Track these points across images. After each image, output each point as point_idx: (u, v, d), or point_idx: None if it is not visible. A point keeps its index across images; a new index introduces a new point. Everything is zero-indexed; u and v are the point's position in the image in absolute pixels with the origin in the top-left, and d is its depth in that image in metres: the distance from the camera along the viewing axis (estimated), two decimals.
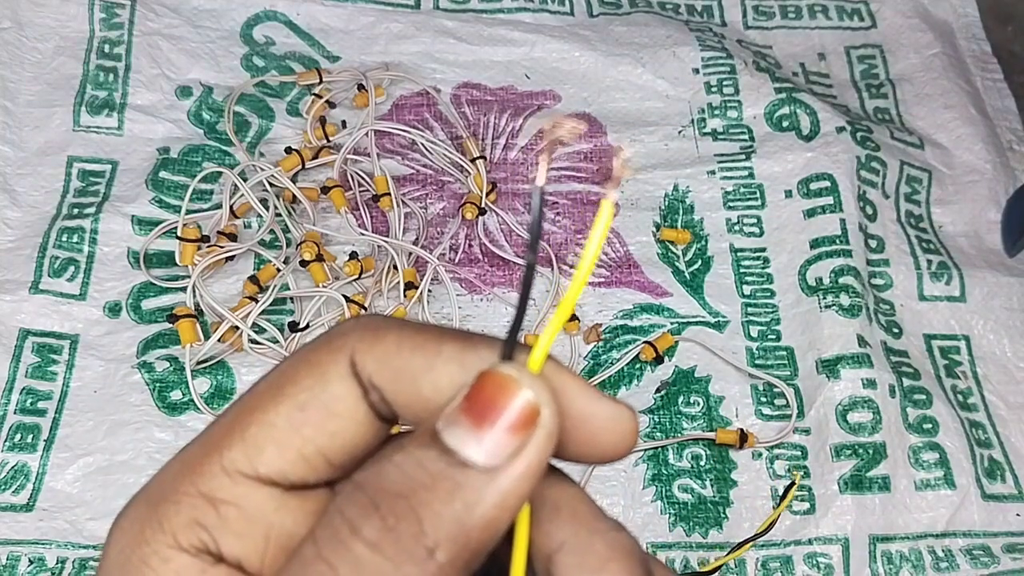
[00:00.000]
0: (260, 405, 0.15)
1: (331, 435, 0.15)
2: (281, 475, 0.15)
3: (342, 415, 0.15)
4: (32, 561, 0.39)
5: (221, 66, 0.52)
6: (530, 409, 0.13)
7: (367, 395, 0.15)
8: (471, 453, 0.13)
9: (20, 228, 0.47)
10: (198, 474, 0.14)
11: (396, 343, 0.15)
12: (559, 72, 0.55)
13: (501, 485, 0.13)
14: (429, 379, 0.14)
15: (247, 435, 0.14)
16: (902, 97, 0.57)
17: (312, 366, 0.15)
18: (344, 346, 0.15)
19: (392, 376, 0.15)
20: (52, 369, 0.43)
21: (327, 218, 0.49)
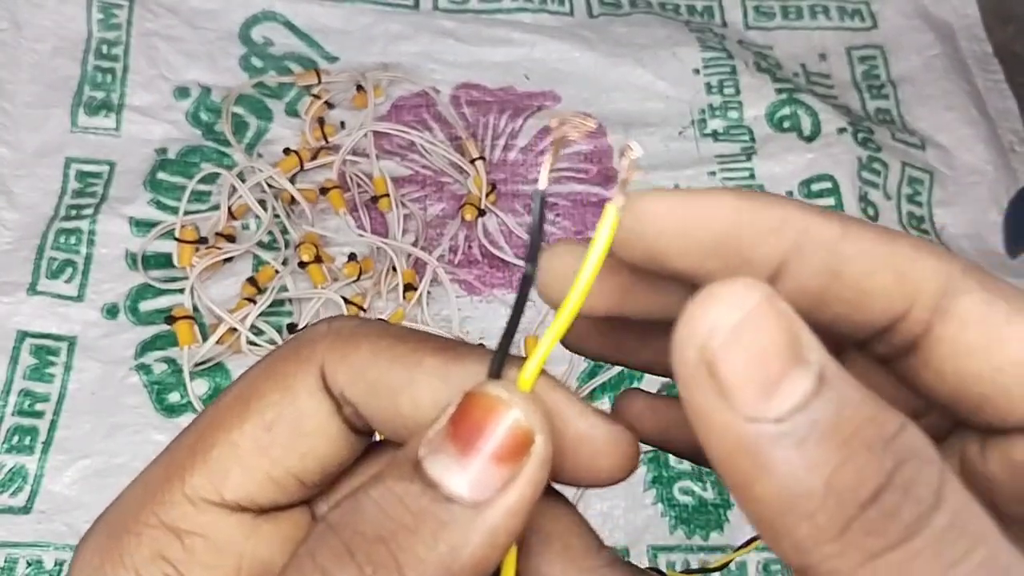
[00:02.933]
0: (223, 423, 0.13)
1: (302, 455, 0.13)
2: (250, 500, 0.13)
3: (313, 433, 0.13)
4: (30, 563, 0.39)
5: (219, 67, 0.52)
6: (521, 435, 0.12)
7: (340, 409, 0.14)
8: (456, 486, 0.12)
9: (18, 230, 0.47)
10: (160, 502, 0.13)
11: (371, 353, 0.13)
12: (559, 73, 0.55)
13: (489, 521, 0.12)
14: (408, 395, 0.13)
15: (210, 458, 0.13)
16: (903, 98, 0.57)
17: (278, 379, 0.14)
18: (313, 356, 0.13)
19: (367, 390, 0.13)
20: (50, 371, 0.43)
21: (326, 219, 0.49)
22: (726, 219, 0.13)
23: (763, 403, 0.11)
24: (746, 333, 0.11)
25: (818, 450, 0.11)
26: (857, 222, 0.13)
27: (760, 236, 0.13)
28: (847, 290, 0.13)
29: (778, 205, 0.13)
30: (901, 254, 0.13)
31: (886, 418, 0.11)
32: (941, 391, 0.13)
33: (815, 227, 0.13)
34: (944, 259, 0.13)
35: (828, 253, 0.13)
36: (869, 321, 0.13)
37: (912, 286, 0.13)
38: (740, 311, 0.11)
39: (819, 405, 0.11)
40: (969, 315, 0.13)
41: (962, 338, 0.13)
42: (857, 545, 0.11)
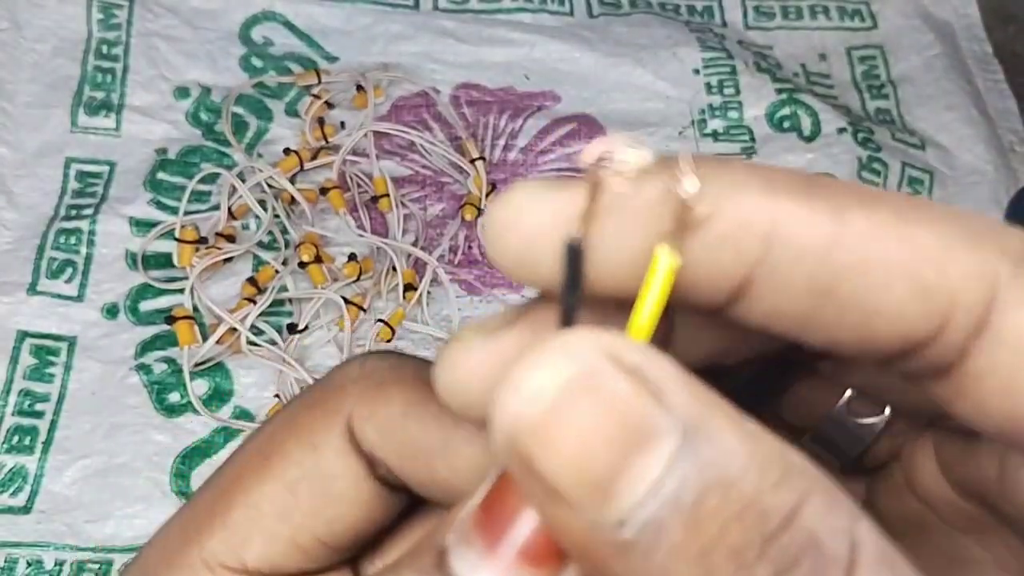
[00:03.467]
0: (243, 484, 0.12)
1: (329, 521, 0.12)
2: (273, 567, 0.12)
3: (341, 497, 0.12)
4: (30, 563, 0.39)
5: (219, 67, 0.52)
6: None
7: (372, 467, 0.12)
8: None
9: (18, 230, 0.47)
10: (176, 567, 0.12)
11: (402, 409, 0.12)
12: (559, 73, 0.55)
13: None
14: (445, 459, 0.11)
15: (229, 521, 0.12)
16: (903, 98, 0.57)
17: (303, 433, 0.12)
18: (340, 408, 0.12)
19: (399, 451, 0.12)
20: (50, 371, 0.43)
21: (326, 219, 0.49)
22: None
23: (599, 504, 0.08)
24: (560, 421, 0.08)
25: (670, 562, 0.08)
26: (859, 203, 0.09)
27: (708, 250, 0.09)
28: (845, 312, 0.09)
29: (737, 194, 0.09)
30: (922, 254, 0.09)
31: (771, 503, 0.08)
32: (985, 426, 0.10)
33: (791, 225, 0.09)
34: (987, 251, 0.09)
35: (814, 264, 0.09)
36: (879, 348, 0.10)
37: (941, 302, 0.09)
38: (552, 392, 0.08)
39: (677, 502, 0.08)
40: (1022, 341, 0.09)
41: (1016, 372, 0.09)
42: None
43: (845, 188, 0.09)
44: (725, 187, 0.09)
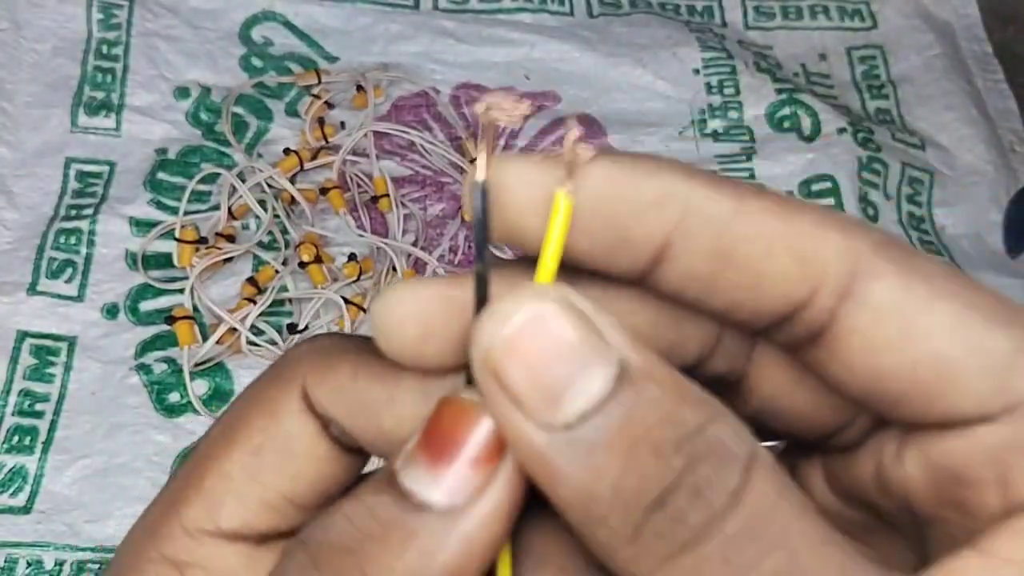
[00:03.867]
0: (213, 454, 0.13)
1: (293, 477, 0.13)
2: (247, 527, 0.13)
3: (301, 455, 0.13)
4: (30, 563, 0.39)
5: (219, 67, 0.52)
6: (497, 439, 0.11)
7: (326, 428, 0.13)
8: (429, 493, 0.11)
9: (18, 230, 0.47)
10: (159, 537, 0.13)
11: (350, 371, 0.13)
12: (559, 73, 0.55)
13: (464, 528, 0.11)
14: (390, 412, 0.13)
15: (203, 488, 0.13)
16: (903, 98, 0.57)
17: (262, 403, 0.13)
18: (294, 377, 0.13)
19: (349, 409, 0.13)
20: (50, 371, 0.43)
21: (326, 219, 0.49)
22: (596, 194, 0.11)
23: (551, 410, 0.11)
24: (525, 341, 0.11)
25: (605, 456, 0.11)
26: (754, 193, 0.12)
27: (638, 212, 0.11)
28: (741, 275, 0.12)
29: (660, 174, 0.12)
30: (802, 232, 0.11)
31: (686, 414, 0.11)
32: (851, 386, 0.12)
33: (703, 201, 0.11)
34: (853, 235, 0.12)
35: (718, 232, 0.11)
36: (767, 309, 0.12)
37: (815, 269, 0.11)
38: (521, 319, 0.11)
39: (610, 408, 0.11)
40: (882, 304, 0.11)
41: (875, 331, 0.11)
42: (649, 550, 0.11)
43: (745, 184, 0.12)
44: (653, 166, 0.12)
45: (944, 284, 0.12)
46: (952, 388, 0.11)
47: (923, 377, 0.11)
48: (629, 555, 0.11)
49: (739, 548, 0.10)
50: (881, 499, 0.13)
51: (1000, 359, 0.11)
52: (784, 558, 0.10)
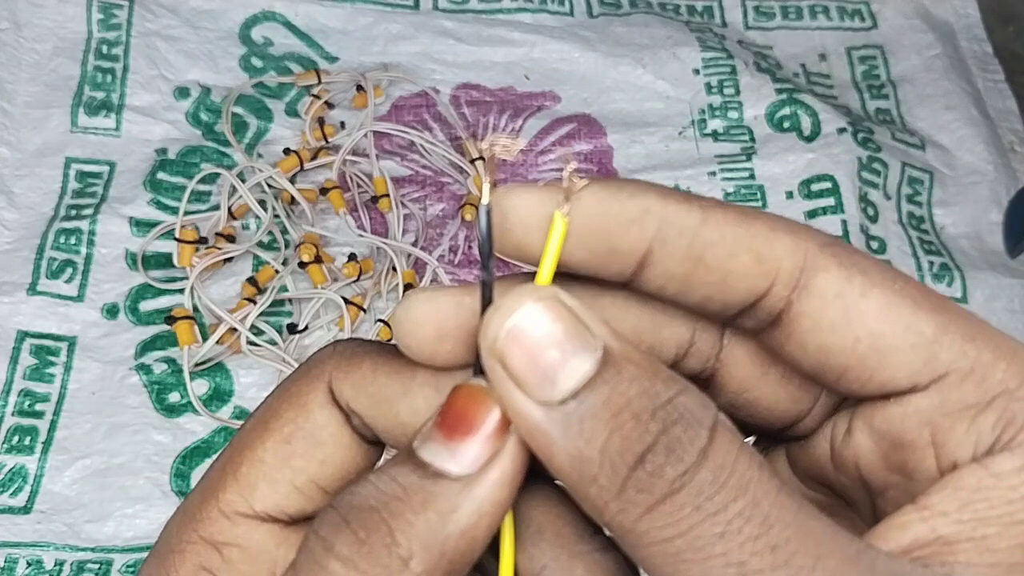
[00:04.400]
0: (248, 443, 0.15)
1: (320, 463, 0.15)
2: (278, 509, 0.15)
3: (327, 443, 0.15)
4: (30, 563, 0.39)
5: (219, 67, 0.52)
6: (502, 418, 0.13)
7: (349, 420, 0.15)
8: (445, 464, 0.13)
9: (18, 230, 0.47)
10: (198, 520, 0.15)
11: (371, 369, 0.15)
12: (559, 73, 0.55)
13: (476, 493, 0.13)
14: (406, 403, 0.15)
15: (239, 475, 0.15)
16: (903, 98, 0.57)
17: (293, 397, 0.15)
18: (322, 374, 0.15)
19: (369, 402, 0.15)
20: (50, 371, 0.43)
21: (326, 219, 0.49)
22: (588, 212, 0.14)
23: (547, 389, 0.13)
24: (523, 330, 0.13)
25: (593, 424, 0.13)
26: (718, 206, 0.14)
27: (623, 227, 0.14)
28: (710, 273, 0.14)
29: (640, 195, 0.14)
30: (758, 235, 0.14)
31: (659, 388, 0.13)
32: (805, 362, 0.14)
33: (675, 215, 0.14)
34: (801, 237, 0.14)
35: (690, 240, 0.14)
36: (734, 300, 0.14)
37: (771, 266, 0.14)
38: (520, 312, 0.13)
39: (597, 385, 0.13)
40: (827, 291, 0.14)
41: (821, 314, 0.14)
42: (633, 501, 0.12)
43: (709, 199, 0.14)
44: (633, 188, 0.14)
45: (879, 276, 0.14)
46: (887, 361, 0.14)
47: (862, 352, 0.14)
48: (616, 508, 0.13)
49: (708, 496, 0.12)
50: (837, 476, 0.16)
51: (926, 337, 0.14)
52: (747, 503, 0.12)
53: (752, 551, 0.12)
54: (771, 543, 0.12)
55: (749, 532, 0.12)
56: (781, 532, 0.12)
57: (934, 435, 0.14)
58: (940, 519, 0.13)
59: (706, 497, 0.12)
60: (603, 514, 0.13)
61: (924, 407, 0.14)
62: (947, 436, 0.14)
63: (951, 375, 0.14)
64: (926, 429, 0.14)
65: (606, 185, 0.14)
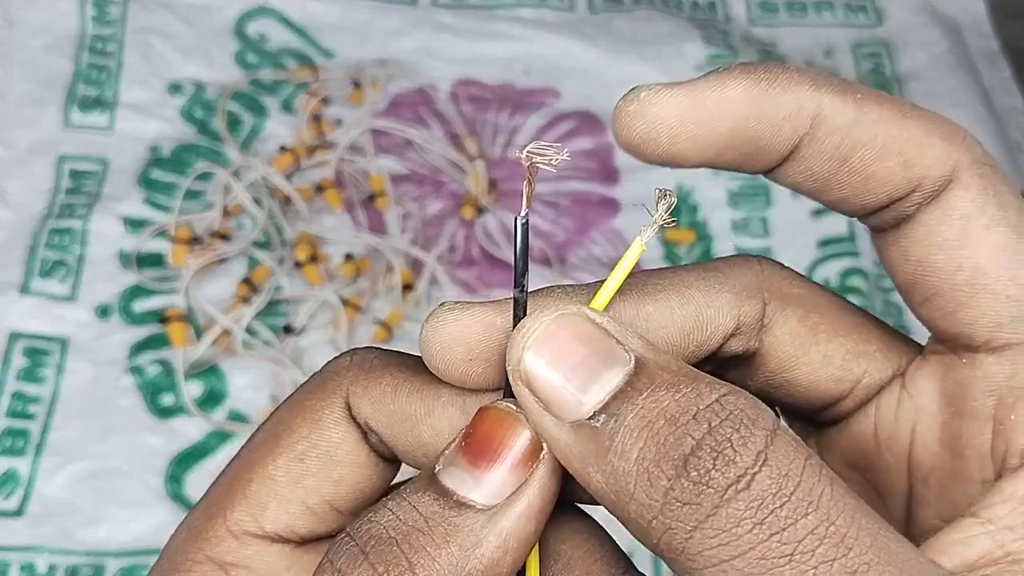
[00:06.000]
0: (258, 459, 0.14)
1: (335, 483, 0.14)
2: (289, 530, 0.14)
3: (343, 461, 0.14)
4: (23, 568, 0.38)
5: (214, 63, 0.52)
6: (531, 445, 0.13)
7: (366, 437, 0.14)
8: (469, 493, 0.12)
9: (10, 229, 0.46)
10: (205, 539, 0.14)
11: (392, 385, 0.14)
12: (559, 69, 0.54)
13: (501, 525, 0.12)
14: (428, 424, 0.14)
15: (249, 492, 0.14)
16: (909, 95, 0.56)
17: (307, 412, 0.14)
18: (338, 388, 0.14)
19: (389, 420, 0.14)
20: (42, 372, 0.43)
21: (322, 218, 0.48)
22: (739, 113, 0.13)
23: (575, 406, 0.12)
24: (547, 350, 0.12)
25: (625, 436, 0.11)
26: (875, 100, 0.13)
27: (774, 126, 0.13)
28: (854, 175, 0.13)
29: (792, 88, 0.13)
30: (911, 140, 0.13)
31: (702, 390, 0.11)
32: (900, 272, 0.14)
33: (829, 111, 0.13)
34: (955, 146, 0.13)
35: (840, 138, 0.13)
36: (871, 204, 0.13)
37: (917, 173, 0.13)
38: (541, 332, 0.12)
39: (629, 395, 0.12)
40: (955, 209, 0.13)
41: (938, 229, 0.13)
42: (679, 517, 0.11)
43: (866, 88, 0.13)
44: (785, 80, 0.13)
45: (1014, 215, 0.13)
46: (976, 301, 0.13)
47: (958, 283, 0.13)
48: (661, 526, 0.11)
49: (772, 509, 0.11)
50: (879, 458, 0.15)
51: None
52: (819, 520, 0.11)
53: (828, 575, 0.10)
54: (850, 568, 0.10)
55: (823, 554, 0.10)
56: (860, 556, 0.11)
57: (996, 409, 0.13)
58: (1007, 534, 0.12)
59: (769, 510, 0.11)
60: (648, 536, 0.11)
61: (994, 373, 0.13)
62: (1009, 413, 0.13)
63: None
64: (991, 399, 0.13)
65: (756, 79, 0.13)
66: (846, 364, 0.15)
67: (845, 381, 0.15)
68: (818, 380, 0.15)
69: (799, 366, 0.15)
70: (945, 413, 0.14)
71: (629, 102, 0.13)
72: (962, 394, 0.13)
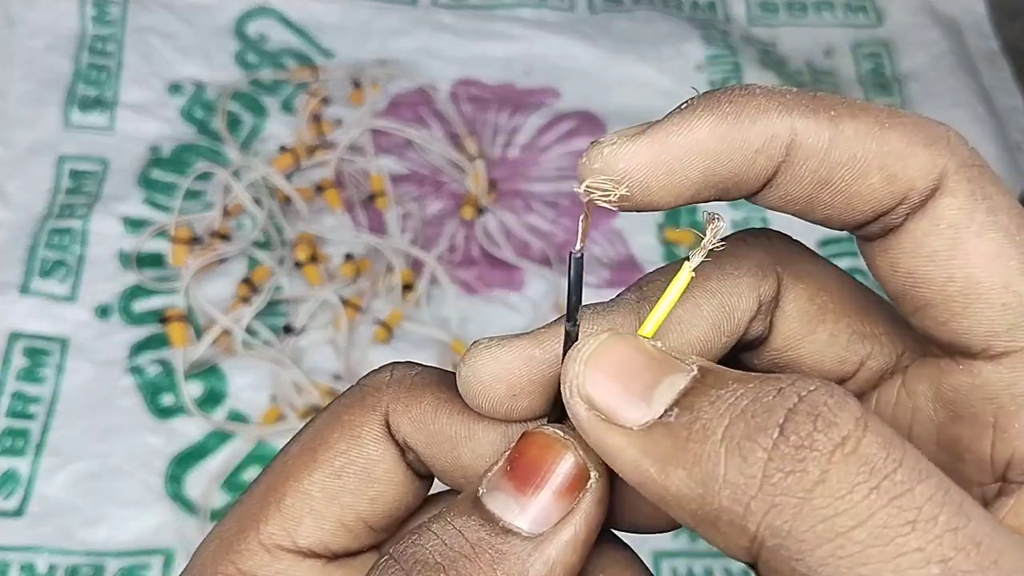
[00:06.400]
0: (294, 472, 0.14)
1: (371, 500, 0.14)
2: (322, 546, 0.14)
3: (380, 479, 0.14)
4: (23, 568, 0.38)
5: (214, 63, 0.52)
6: (577, 472, 0.12)
7: (404, 455, 0.14)
8: (515, 519, 0.12)
9: (10, 229, 0.46)
10: (236, 552, 0.14)
11: (433, 405, 0.14)
12: (559, 69, 0.54)
13: (547, 554, 0.12)
14: (469, 447, 0.14)
15: (283, 506, 0.14)
16: (909, 95, 0.56)
17: (345, 427, 0.14)
18: (377, 404, 0.14)
19: (428, 440, 0.14)
20: (42, 372, 0.43)
21: (322, 218, 0.48)
22: (709, 153, 0.12)
23: (642, 408, 0.11)
24: (607, 360, 0.12)
25: (706, 421, 0.11)
26: (850, 115, 0.12)
27: (747, 160, 0.12)
28: (836, 196, 0.13)
29: (761, 117, 0.12)
30: (893, 152, 0.12)
31: (780, 377, 0.11)
32: (891, 282, 0.13)
33: (802, 135, 0.12)
34: (940, 152, 0.12)
35: (818, 162, 0.12)
36: (856, 221, 0.13)
37: (903, 185, 0.12)
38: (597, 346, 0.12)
39: (702, 389, 0.11)
40: (942, 218, 0.12)
41: (927, 239, 0.12)
42: (783, 490, 0.10)
43: (839, 101, 0.13)
44: (754, 110, 0.12)
45: (1005, 217, 0.12)
46: (970, 311, 0.12)
47: (950, 293, 0.12)
48: (762, 507, 0.10)
49: (886, 472, 0.10)
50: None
51: (1022, 301, 0.12)
52: (936, 487, 0.10)
53: (955, 545, 0.10)
54: (974, 538, 0.10)
55: (946, 522, 0.10)
56: (980, 527, 0.10)
57: (997, 416, 0.12)
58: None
59: (883, 475, 0.10)
60: (746, 525, 0.10)
61: (994, 380, 0.12)
62: (1011, 421, 0.12)
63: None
64: (991, 406, 0.12)
65: (722, 113, 0.12)
66: (851, 345, 0.14)
67: (849, 363, 0.15)
68: (823, 360, 0.15)
69: (805, 344, 0.15)
70: (942, 416, 0.13)
71: (593, 159, 0.12)
72: (960, 399, 0.13)
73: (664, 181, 0.12)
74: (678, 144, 0.12)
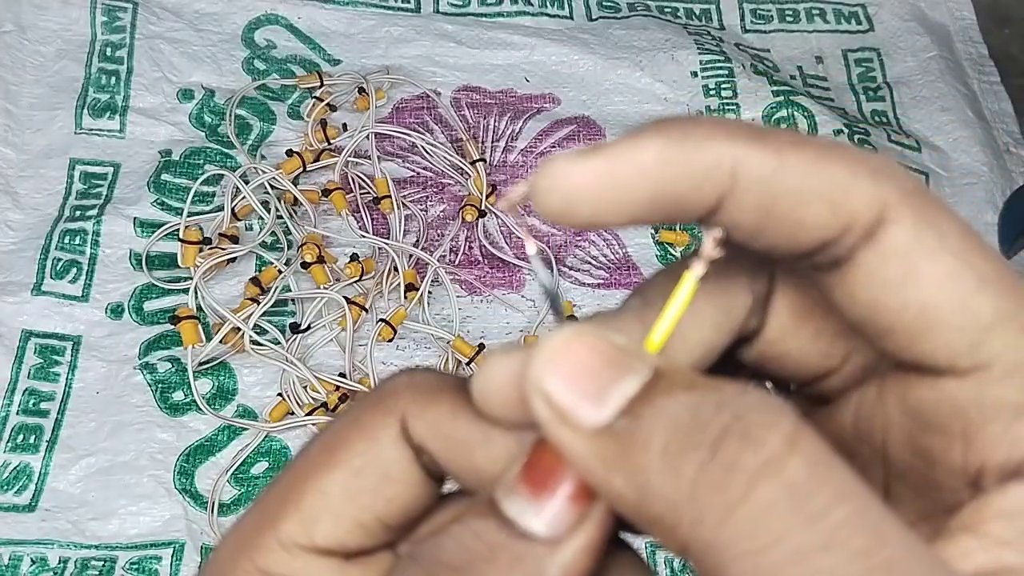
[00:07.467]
0: (313, 473, 0.14)
1: (388, 500, 0.14)
2: (339, 544, 0.14)
3: (397, 480, 0.14)
4: (34, 561, 0.39)
5: (223, 69, 0.53)
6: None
7: (419, 457, 0.14)
8: (531, 523, 0.12)
9: (22, 230, 0.47)
10: (255, 549, 0.14)
11: (450, 409, 0.14)
12: (558, 75, 0.55)
13: (563, 558, 0.12)
14: (485, 451, 0.14)
15: (302, 506, 0.14)
16: (899, 100, 0.57)
17: (363, 429, 0.14)
18: (395, 408, 0.14)
19: (445, 444, 0.14)
20: (54, 370, 0.43)
21: (328, 220, 0.49)
22: (655, 177, 0.13)
23: (594, 413, 0.12)
24: (563, 360, 0.12)
25: (649, 433, 0.11)
26: (793, 146, 0.13)
27: (693, 185, 0.13)
28: (780, 224, 0.13)
29: (708, 145, 0.13)
30: (835, 182, 0.12)
31: (722, 386, 0.11)
32: (850, 313, 0.13)
33: (747, 163, 0.12)
34: (882, 183, 0.13)
35: (761, 191, 0.13)
36: (801, 250, 0.13)
37: (845, 215, 0.13)
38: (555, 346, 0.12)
39: (650, 397, 0.12)
40: (891, 247, 0.13)
41: (879, 270, 0.13)
42: (709, 504, 0.11)
43: (785, 134, 0.13)
44: (701, 137, 0.13)
45: (955, 240, 0.13)
46: (930, 335, 0.13)
47: (908, 318, 0.13)
48: (690, 517, 0.11)
49: (805, 495, 0.10)
50: (858, 447, 0.15)
51: (979, 320, 0.12)
52: (853, 511, 0.10)
53: (866, 568, 0.10)
54: (887, 561, 0.10)
55: (859, 545, 0.10)
56: (895, 551, 0.10)
57: (965, 428, 0.13)
58: (1004, 549, 0.12)
59: (802, 496, 0.10)
60: (675, 533, 0.11)
61: (959, 396, 0.13)
62: (978, 433, 0.12)
63: (995, 367, 0.12)
64: (958, 420, 0.13)
65: (670, 138, 0.13)
66: (836, 341, 0.15)
67: (834, 357, 0.15)
68: (809, 354, 0.15)
69: (793, 339, 0.15)
70: (912, 426, 0.13)
71: (543, 177, 0.13)
72: (928, 411, 0.13)
73: (611, 200, 0.13)
74: (626, 166, 0.13)
